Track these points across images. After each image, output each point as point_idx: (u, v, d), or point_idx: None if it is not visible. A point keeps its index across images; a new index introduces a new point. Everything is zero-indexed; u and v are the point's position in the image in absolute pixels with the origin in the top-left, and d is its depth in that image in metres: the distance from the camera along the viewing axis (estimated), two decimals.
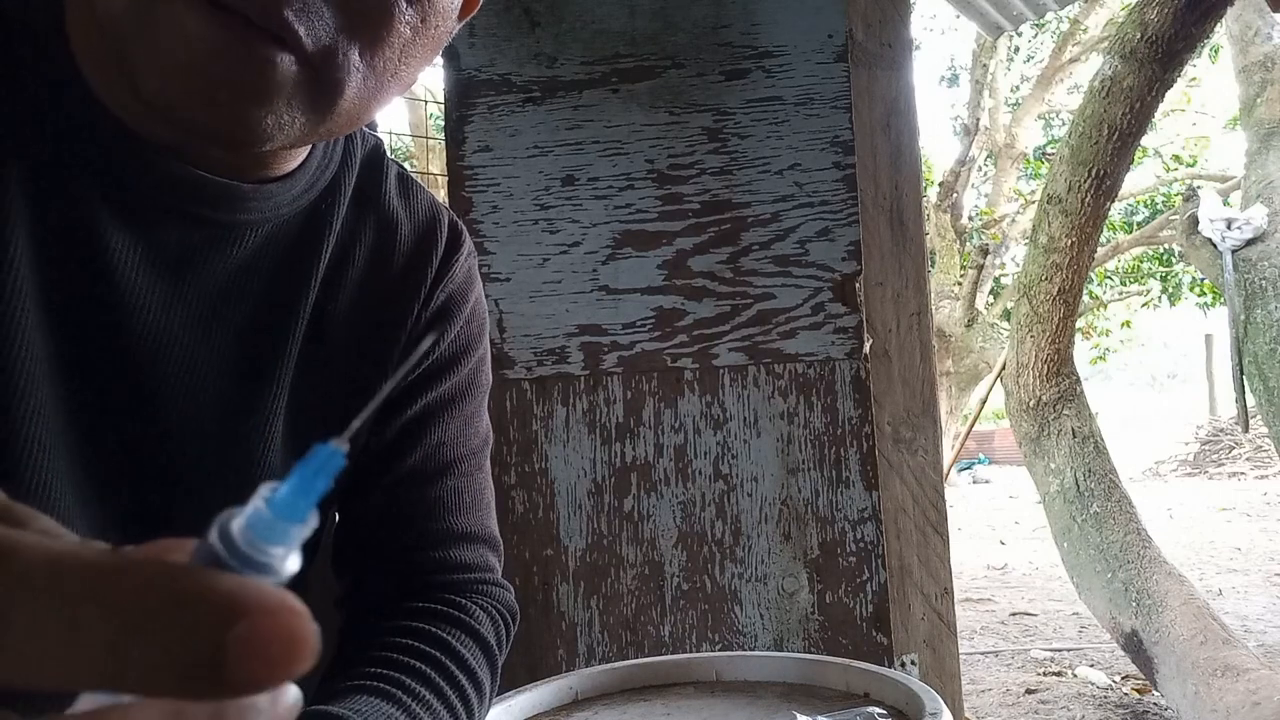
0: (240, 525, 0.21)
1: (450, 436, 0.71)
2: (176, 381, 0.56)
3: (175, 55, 0.44)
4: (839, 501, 1.30)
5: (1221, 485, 10.68)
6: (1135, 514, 3.39)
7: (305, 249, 0.61)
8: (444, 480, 0.70)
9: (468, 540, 0.71)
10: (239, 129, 0.47)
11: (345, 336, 0.63)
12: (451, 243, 0.70)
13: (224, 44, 0.44)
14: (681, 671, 0.79)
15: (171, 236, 0.54)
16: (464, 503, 0.71)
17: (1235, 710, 2.55)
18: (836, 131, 1.34)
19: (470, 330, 0.72)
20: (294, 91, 0.46)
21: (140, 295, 0.54)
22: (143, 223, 0.53)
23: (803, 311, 1.32)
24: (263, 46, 0.44)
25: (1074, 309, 3.56)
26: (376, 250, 0.65)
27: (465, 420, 0.72)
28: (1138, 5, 3.29)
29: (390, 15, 0.47)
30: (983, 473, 13.91)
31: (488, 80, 1.33)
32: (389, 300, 0.66)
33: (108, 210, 0.52)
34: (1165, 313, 12.51)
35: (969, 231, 9.60)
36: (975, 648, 4.15)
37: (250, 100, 0.46)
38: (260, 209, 0.57)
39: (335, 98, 0.48)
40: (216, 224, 0.55)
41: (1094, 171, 3.34)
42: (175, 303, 0.55)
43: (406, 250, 0.67)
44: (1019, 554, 6.67)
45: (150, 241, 0.53)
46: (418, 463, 0.69)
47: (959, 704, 1.46)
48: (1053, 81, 9.54)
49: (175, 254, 0.55)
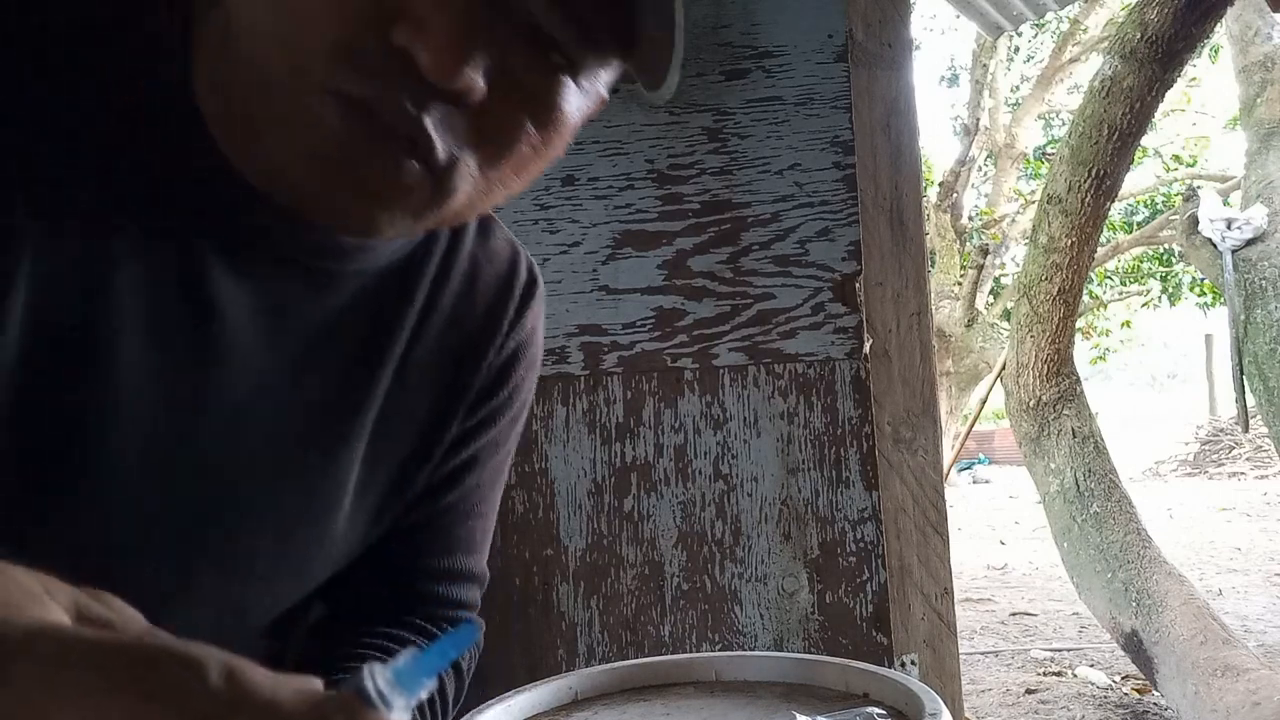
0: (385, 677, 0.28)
1: (486, 479, 0.72)
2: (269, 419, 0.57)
3: (312, 147, 0.45)
4: (839, 501, 1.30)
5: (1221, 485, 10.68)
6: (1135, 514, 3.39)
7: (399, 297, 0.62)
8: (469, 521, 0.72)
9: (468, 579, 0.73)
10: (356, 223, 0.49)
11: (423, 380, 0.64)
12: (527, 290, 0.71)
13: (360, 145, 0.44)
14: (681, 671, 0.79)
15: (274, 283, 0.55)
16: (476, 543, 0.73)
17: (1235, 710, 2.55)
18: (836, 131, 1.34)
19: (529, 378, 0.73)
20: (414, 195, 0.47)
21: (243, 336, 0.55)
22: (248, 268, 0.54)
23: (803, 311, 1.32)
24: (396, 153, 0.45)
25: (1074, 309, 3.56)
26: (460, 296, 0.66)
27: (501, 463, 0.74)
28: (1138, 5, 3.29)
29: (516, 135, 0.48)
30: (983, 473, 13.91)
31: None
32: (467, 345, 0.66)
33: (216, 255, 0.53)
34: (1165, 313, 12.51)
35: (969, 231, 9.60)
36: (975, 648, 4.15)
37: (374, 202, 0.47)
38: (362, 259, 0.58)
39: (446, 202, 0.49)
40: (320, 272, 0.57)
41: (1094, 171, 3.34)
42: (276, 344, 0.56)
43: (487, 297, 0.68)
44: (1019, 554, 6.68)
45: (254, 286, 0.54)
46: (452, 503, 0.70)
47: (959, 704, 1.46)
48: (1053, 81, 9.54)
49: (277, 299, 0.56)
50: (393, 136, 0.45)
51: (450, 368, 0.66)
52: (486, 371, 0.68)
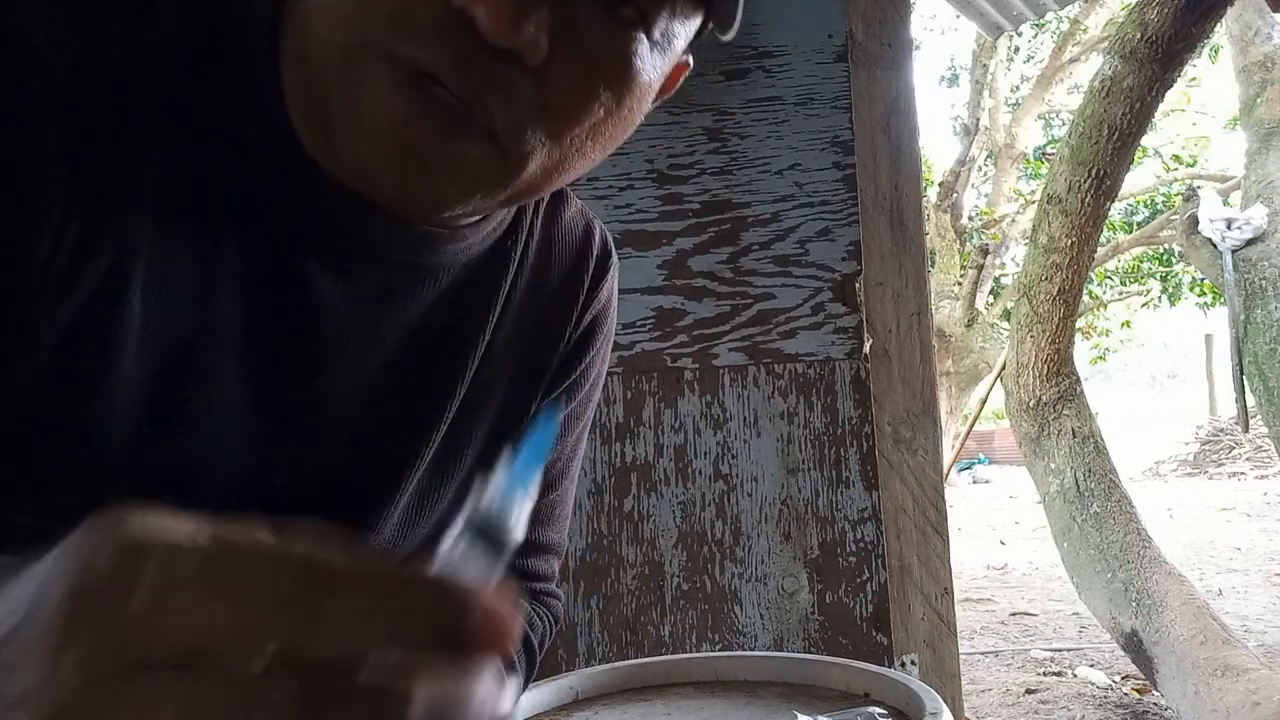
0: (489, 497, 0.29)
1: (566, 452, 0.72)
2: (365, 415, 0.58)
3: (371, 121, 0.44)
4: (839, 501, 1.30)
5: (1221, 485, 10.68)
6: (1135, 514, 3.39)
7: (489, 283, 0.62)
8: (549, 494, 0.72)
9: (546, 551, 0.73)
10: (423, 199, 0.47)
11: (507, 361, 0.64)
12: (601, 261, 0.70)
13: (419, 118, 0.43)
14: (681, 671, 0.79)
15: (373, 281, 0.55)
16: (555, 515, 0.73)
17: (1235, 710, 2.55)
18: (836, 131, 1.34)
19: (604, 349, 0.73)
20: (480, 165, 0.46)
21: (346, 337, 0.55)
22: (346, 268, 0.54)
23: (803, 311, 1.32)
24: (456, 124, 0.44)
25: (1074, 309, 3.56)
26: (536, 272, 0.66)
27: (579, 437, 0.74)
28: (1138, 5, 3.29)
29: (588, 97, 0.46)
30: (983, 473, 13.91)
31: None
32: (545, 320, 0.66)
33: (314, 257, 0.53)
34: (1165, 313, 12.51)
35: (969, 231, 9.60)
36: (975, 648, 4.15)
37: (437, 174, 0.46)
38: (455, 251, 0.57)
39: (518, 173, 0.47)
40: (415, 267, 0.56)
41: (1094, 171, 3.34)
42: (375, 343, 0.57)
43: (563, 271, 0.67)
44: (1019, 554, 6.68)
45: (353, 286, 0.54)
46: None
47: (959, 704, 1.46)
48: (1053, 81, 9.54)
49: (376, 297, 0.55)
50: (451, 106, 0.44)
51: (529, 344, 0.65)
52: (565, 346, 0.68)
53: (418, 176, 0.46)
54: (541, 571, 0.73)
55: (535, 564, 0.72)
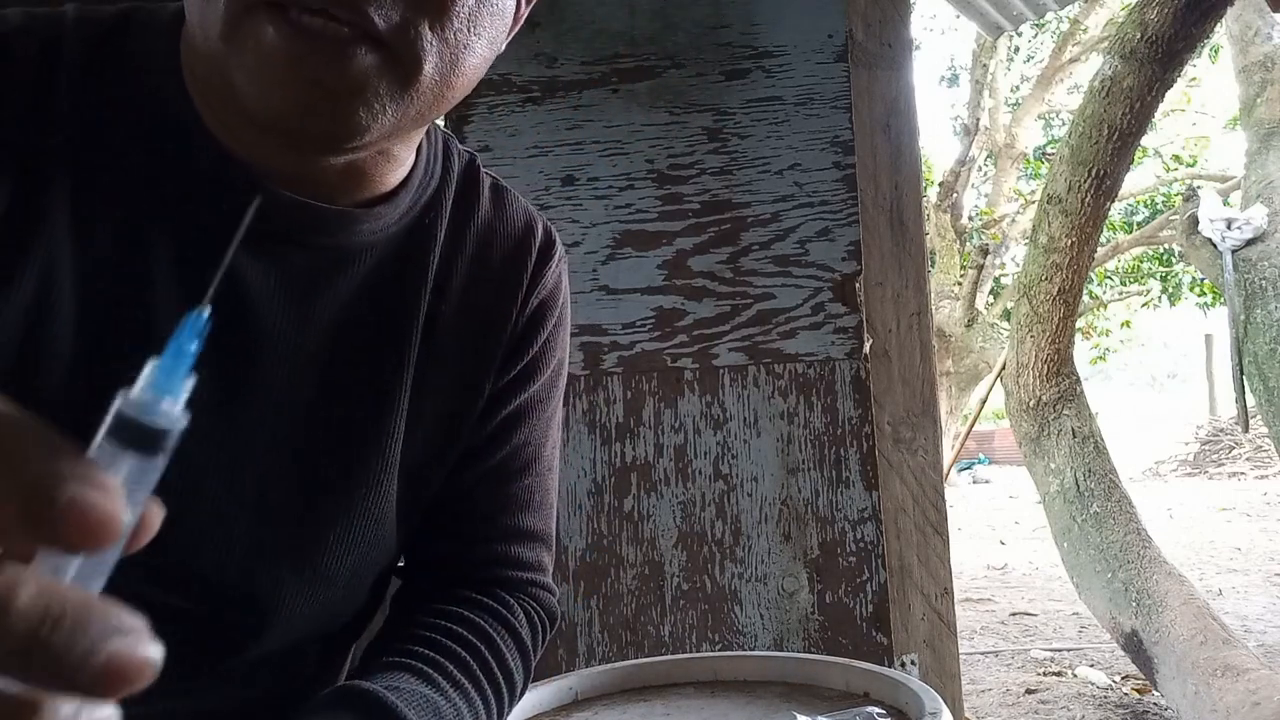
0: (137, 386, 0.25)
1: (535, 437, 0.73)
2: (310, 396, 0.60)
3: (263, 67, 0.46)
4: (839, 501, 1.30)
5: (1221, 485, 10.68)
6: (1135, 514, 3.39)
7: (415, 263, 0.64)
8: (523, 478, 0.73)
9: (530, 538, 0.74)
10: (337, 126, 0.49)
11: (452, 341, 0.66)
12: (545, 248, 0.73)
13: (304, 48, 0.46)
14: (681, 671, 0.79)
15: (299, 265, 0.58)
16: (534, 501, 0.74)
17: (1235, 710, 2.55)
18: (836, 131, 1.34)
19: (559, 334, 0.75)
20: (378, 77, 0.48)
21: (276, 322, 0.57)
22: (270, 253, 0.57)
23: (803, 311, 1.32)
24: (339, 42, 0.46)
25: (1074, 309, 3.56)
26: (476, 260, 0.68)
27: (547, 422, 0.75)
28: (1138, 5, 3.29)
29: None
30: (983, 473, 13.91)
31: (488, 80, 1.33)
32: (489, 306, 0.68)
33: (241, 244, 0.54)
34: (1165, 313, 12.50)
35: (969, 231, 9.60)
36: (975, 648, 4.15)
37: (340, 96, 0.48)
38: (373, 229, 0.60)
39: (416, 74, 0.49)
40: (335, 249, 0.59)
41: (1094, 171, 3.34)
42: (307, 324, 0.59)
43: (502, 258, 0.70)
44: (1019, 554, 6.67)
45: (279, 270, 0.57)
46: (503, 460, 0.72)
47: (959, 704, 1.46)
48: (1053, 81, 9.54)
49: (303, 281, 0.58)
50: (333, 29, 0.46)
51: (475, 329, 0.68)
52: (513, 329, 0.70)
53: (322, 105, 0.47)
54: (528, 560, 0.73)
55: (520, 551, 0.72)
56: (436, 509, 0.71)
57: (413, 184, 0.63)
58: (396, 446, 0.64)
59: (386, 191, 0.61)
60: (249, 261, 0.56)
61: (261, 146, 0.54)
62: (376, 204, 0.60)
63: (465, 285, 0.67)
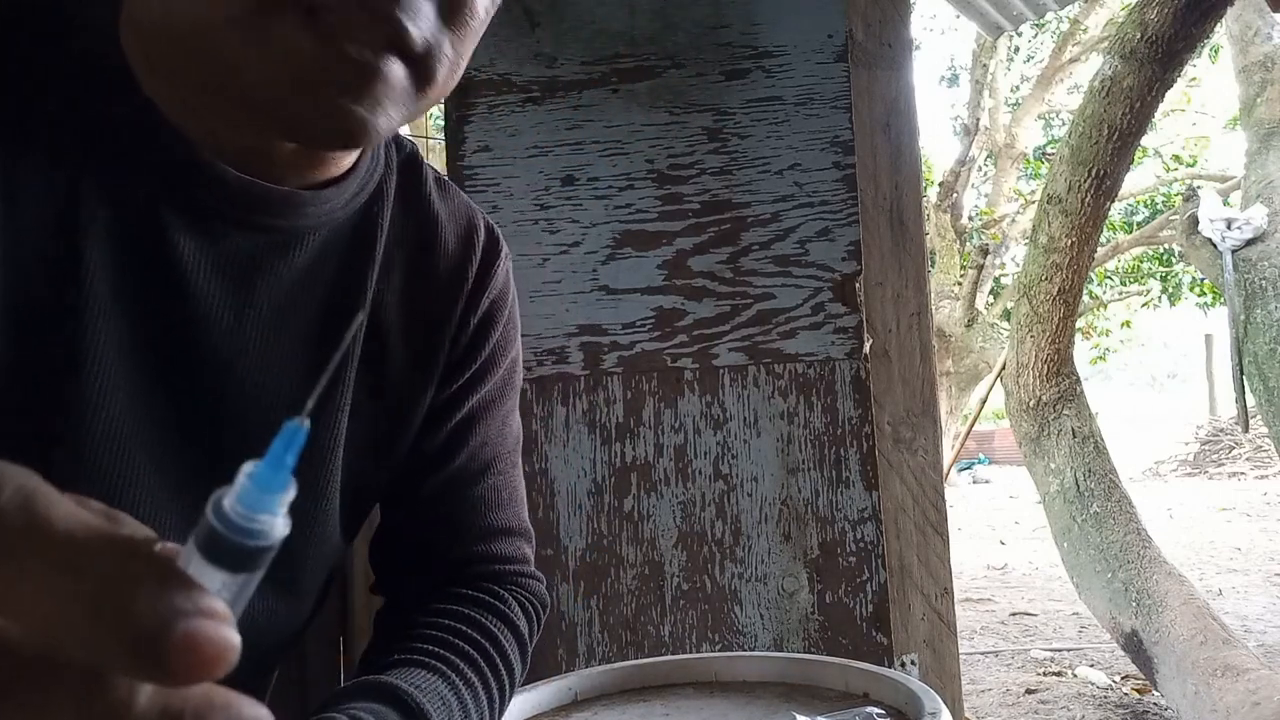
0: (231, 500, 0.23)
1: (492, 436, 0.73)
2: (251, 385, 0.58)
3: (290, 72, 0.45)
4: (839, 501, 1.30)
5: (1221, 485, 10.68)
6: (1135, 514, 3.39)
7: (360, 251, 0.63)
8: (486, 479, 0.73)
9: (506, 534, 0.74)
10: (353, 133, 0.48)
11: (397, 334, 0.66)
12: (490, 246, 0.72)
13: (336, 60, 0.45)
14: (681, 672, 0.79)
15: (237, 245, 0.56)
16: (503, 499, 0.74)
17: (1235, 710, 2.55)
18: (836, 131, 1.34)
19: (508, 332, 0.74)
20: (401, 90, 0.48)
21: (214, 303, 0.55)
22: (210, 232, 0.55)
23: (803, 311, 1.32)
24: (374, 56, 0.46)
25: (1074, 309, 3.56)
26: (421, 250, 0.67)
27: (503, 420, 0.75)
28: (1138, 5, 3.29)
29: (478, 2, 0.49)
30: (983, 473, 13.91)
31: (487, 80, 1.33)
32: (434, 299, 0.68)
33: (177, 221, 0.53)
34: (1165, 313, 12.50)
35: (969, 231, 9.60)
36: (975, 648, 4.15)
37: (366, 106, 0.47)
38: (317, 214, 0.58)
39: (429, 88, 0.50)
40: (278, 231, 0.57)
41: (1094, 171, 3.34)
42: (246, 309, 0.57)
43: (449, 251, 0.69)
44: (1019, 554, 6.68)
45: (219, 250, 0.55)
46: (463, 462, 0.71)
47: (959, 704, 1.46)
48: (1053, 81, 9.54)
49: (242, 262, 0.56)
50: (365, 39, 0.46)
51: (420, 318, 0.67)
52: (462, 328, 0.69)
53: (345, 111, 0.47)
54: (509, 554, 0.74)
55: (499, 548, 0.73)
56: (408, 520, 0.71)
57: (360, 170, 0.62)
58: (339, 435, 0.62)
59: (334, 176, 0.59)
60: (186, 239, 0.54)
61: (210, 121, 0.52)
62: (323, 188, 0.58)
63: (410, 276, 0.66)
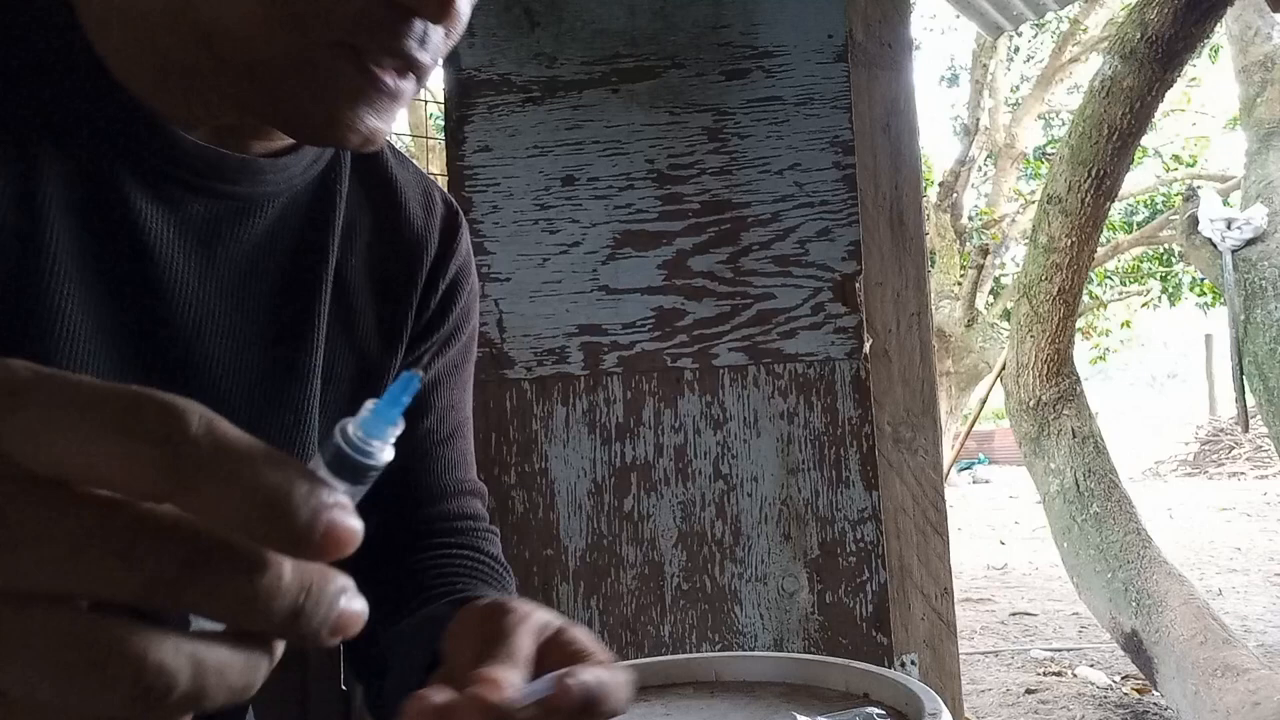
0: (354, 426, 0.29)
1: (456, 400, 0.76)
2: (218, 350, 0.59)
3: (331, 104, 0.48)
4: (839, 501, 1.30)
5: (1221, 485, 10.68)
6: (1135, 514, 3.39)
7: (319, 217, 0.64)
8: (454, 441, 0.75)
9: (469, 493, 0.77)
10: (372, 139, 0.51)
11: (364, 297, 0.67)
12: (450, 213, 0.74)
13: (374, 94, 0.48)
14: (681, 671, 0.79)
15: (197, 211, 0.57)
16: (467, 461, 0.77)
17: (1235, 710, 2.55)
18: (836, 131, 1.34)
19: (472, 299, 0.77)
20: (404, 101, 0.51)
21: (177, 268, 0.56)
22: (170, 198, 0.55)
23: (803, 311, 1.32)
24: (396, 83, 0.49)
25: (1074, 309, 3.56)
26: (382, 214, 0.69)
27: (465, 384, 0.77)
28: (1138, 5, 3.29)
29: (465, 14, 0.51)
30: (983, 473, 13.91)
31: (487, 80, 1.33)
32: (399, 261, 0.69)
33: (137, 187, 0.54)
34: (1165, 313, 12.51)
35: (969, 231, 9.60)
36: (975, 648, 4.15)
37: (384, 120, 0.50)
38: (276, 180, 0.59)
39: (423, 81, 0.52)
40: (237, 197, 0.58)
41: (1094, 171, 3.34)
42: (209, 274, 0.58)
43: (410, 214, 0.70)
44: (1019, 554, 6.68)
45: (179, 216, 0.56)
46: (432, 425, 0.73)
47: (959, 704, 1.46)
48: (1053, 81, 9.54)
49: (203, 227, 0.57)
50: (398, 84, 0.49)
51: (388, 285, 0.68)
52: (433, 291, 0.71)
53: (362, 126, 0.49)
54: (470, 511, 0.77)
55: (462, 505, 0.76)
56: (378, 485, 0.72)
57: None
58: (312, 402, 0.63)
59: (289, 144, 0.60)
60: (147, 206, 0.55)
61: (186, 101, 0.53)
62: (279, 155, 0.59)
63: (371, 240, 0.68)
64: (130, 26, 0.51)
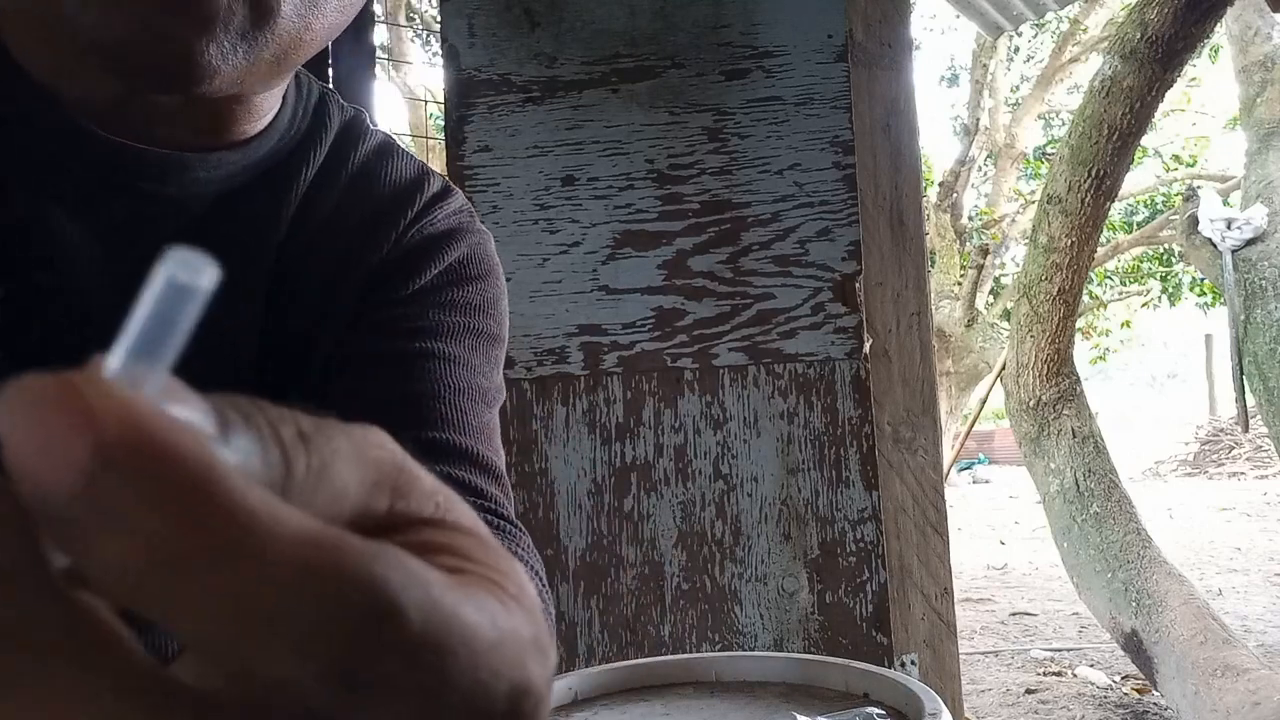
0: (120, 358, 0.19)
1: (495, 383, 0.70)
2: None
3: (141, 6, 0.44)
4: (839, 501, 1.30)
5: (1221, 485, 10.68)
6: (1135, 514, 3.39)
7: (263, 220, 0.59)
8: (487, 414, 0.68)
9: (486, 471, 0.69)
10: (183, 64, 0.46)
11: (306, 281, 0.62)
12: (434, 196, 0.68)
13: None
14: (681, 672, 0.79)
15: (119, 213, 0.53)
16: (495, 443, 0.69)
17: (1235, 710, 2.55)
18: (836, 131, 1.34)
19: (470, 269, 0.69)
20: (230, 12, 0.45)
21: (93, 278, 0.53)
22: (88, 202, 0.52)
23: (803, 311, 1.32)
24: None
25: (1074, 309, 3.56)
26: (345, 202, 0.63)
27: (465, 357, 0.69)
28: (1138, 5, 3.29)
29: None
30: (983, 473, 13.91)
31: (488, 80, 1.33)
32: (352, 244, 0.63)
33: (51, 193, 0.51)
34: (1165, 313, 12.51)
35: (969, 231, 9.60)
36: (975, 648, 4.15)
37: (190, 30, 0.45)
38: (210, 178, 0.56)
39: (272, 17, 0.47)
40: (164, 198, 0.54)
41: (1094, 171, 3.34)
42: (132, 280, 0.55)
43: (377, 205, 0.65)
44: (1019, 554, 6.68)
45: (98, 221, 0.53)
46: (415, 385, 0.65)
47: (959, 704, 1.46)
48: (1053, 81, 9.54)
49: (125, 232, 0.54)
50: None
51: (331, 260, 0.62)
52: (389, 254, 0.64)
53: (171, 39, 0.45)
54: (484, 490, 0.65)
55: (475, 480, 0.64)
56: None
57: (272, 136, 0.58)
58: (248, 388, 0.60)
59: (241, 139, 0.56)
60: (60, 210, 0.51)
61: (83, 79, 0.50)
62: (224, 149, 0.56)
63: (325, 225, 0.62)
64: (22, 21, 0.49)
